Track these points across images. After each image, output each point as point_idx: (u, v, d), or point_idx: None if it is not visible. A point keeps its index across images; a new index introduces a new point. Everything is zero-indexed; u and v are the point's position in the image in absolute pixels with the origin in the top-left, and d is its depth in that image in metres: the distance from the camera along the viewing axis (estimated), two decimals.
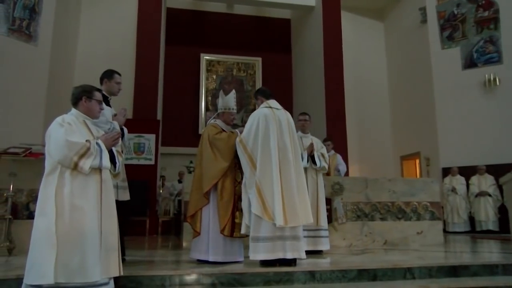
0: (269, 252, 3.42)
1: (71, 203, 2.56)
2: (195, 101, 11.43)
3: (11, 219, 4.47)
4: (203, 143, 3.87)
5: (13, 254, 4.38)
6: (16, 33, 8.03)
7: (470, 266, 3.70)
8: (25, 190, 4.79)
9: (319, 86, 10.30)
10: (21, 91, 7.84)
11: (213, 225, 3.70)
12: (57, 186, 2.56)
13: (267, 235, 3.43)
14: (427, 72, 10.40)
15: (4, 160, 4.66)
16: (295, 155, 3.70)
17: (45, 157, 2.68)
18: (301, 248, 3.52)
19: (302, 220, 3.53)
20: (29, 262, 2.51)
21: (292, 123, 3.84)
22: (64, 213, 2.53)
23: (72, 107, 2.98)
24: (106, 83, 3.87)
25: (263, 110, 3.77)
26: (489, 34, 9.66)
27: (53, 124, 2.75)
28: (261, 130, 3.62)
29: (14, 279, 2.95)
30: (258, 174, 3.51)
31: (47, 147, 2.66)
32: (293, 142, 3.75)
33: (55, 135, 2.66)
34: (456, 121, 9.73)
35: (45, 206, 2.54)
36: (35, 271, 2.46)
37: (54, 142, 2.63)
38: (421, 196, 5.97)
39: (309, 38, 11.24)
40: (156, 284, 3.09)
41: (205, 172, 3.74)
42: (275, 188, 3.47)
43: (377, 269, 3.49)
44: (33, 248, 2.51)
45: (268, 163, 3.53)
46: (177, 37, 11.50)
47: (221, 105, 4.14)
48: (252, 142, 3.62)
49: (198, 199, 3.75)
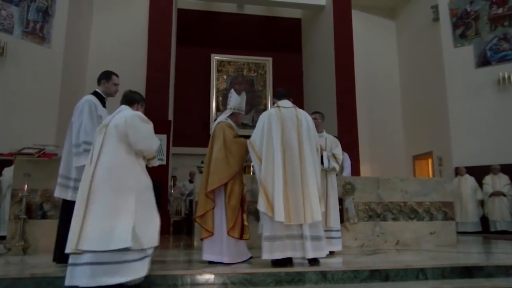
0: (280, 252, 3.45)
1: (146, 183, 3.04)
2: (206, 101, 11.46)
3: (25, 218, 4.54)
4: (216, 141, 3.84)
5: (27, 253, 4.44)
6: (30, 35, 8.18)
7: (484, 267, 3.64)
8: (39, 190, 4.84)
9: (330, 85, 10.25)
10: (34, 93, 8.00)
11: (224, 226, 3.73)
12: (140, 168, 3.06)
13: (277, 234, 3.47)
14: (440, 71, 10.28)
15: (18, 161, 4.74)
16: (302, 150, 3.67)
17: (120, 141, 3.00)
18: (315, 248, 3.52)
19: (308, 218, 3.50)
20: (105, 230, 2.74)
21: (303, 119, 3.82)
22: (142, 189, 2.99)
23: (127, 105, 3.31)
24: (104, 84, 3.87)
25: (269, 110, 3.88)
26: (503, 31, 9.51)
27: (138, 117, 3.13)
28: (265, 130, 3.71)
29: (29, 277, 2.99)
30: (262, 171, 3.60)
31: (131, 135, 3.00)
32: (303, 138, 3.71)
33: (145, 129, 3.11)
34: (469, 120, 9.60)
35: (133, 184, 2.94)
36: (117, 238, 2.72)
37: (144, 135, 3.09)
38: (433, 196, 5.90)
39: (320, 37, 11.19)
40: (168, 283, 3.10)
41: (212, 172, 3.73)
42: (276, 185, 3.51)
43: (390, 270, 3.45)
44: (114, 217, 2.78)
45: (270, 161, 3.60)
46: (187, 38, 11.56)
47: (234, 105, 4.11)
48: (259, 141, 3.72)
49: (207, 201, 3.75)
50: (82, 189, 2.92)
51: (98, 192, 2.86)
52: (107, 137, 3.03)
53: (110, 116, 3.27)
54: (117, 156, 2.99)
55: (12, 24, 7.92)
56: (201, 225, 3.75)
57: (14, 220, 4.64)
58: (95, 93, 3.82)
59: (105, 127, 3.09)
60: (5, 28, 7.82)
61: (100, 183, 2.88)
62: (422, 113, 11.09)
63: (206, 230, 3.73)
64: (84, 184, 2.93)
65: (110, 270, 2.69)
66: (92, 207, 2.81)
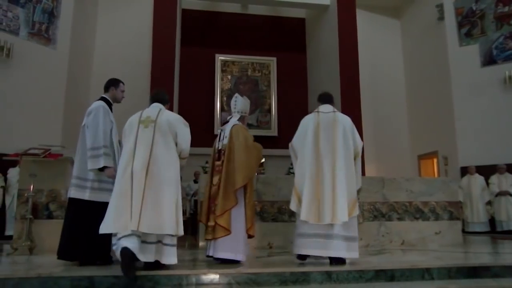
0: (308, 248, 3.66)
1: None
2: (210, 101, 11.47)
3: (31, 219, 4.56)
4: (236, 143, 3.88)
5: (34, 253, 4.47)
6: (36, 36, 8.23)
7: (491, 267, 3.61)
8: (45, 190, 4.87)
9: (334, 85, 10.21)
10: (40, 93, 8.04)
11: (241, 224, 3.77)
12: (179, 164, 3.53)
13: (306, 232, 3.68)
14: (445, 70, 10.22)
15: (24, 161, 4.76)
16: (336, 153, 3.79)
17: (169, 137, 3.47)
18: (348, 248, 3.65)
19: (334, 219, 3.61)
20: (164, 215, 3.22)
21: (340, 124, 3.91)
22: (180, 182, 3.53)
23: (162, 104, 3.71)
24: (112, 90, 4.03)
25: (309, 115, 4.07)
26: (509, 30, 9.44)
27: (182, 121, 3.63)
28: (302, 133, 3.95)
29: (35, 277, 3.00)
30: (295, 174, 3.87)
31: (179, 135, 3.51)
32: (338, 144, 3.81)
33: (188, 132, 3.60)
34: (474, 119, 9.54)
35: (178, 177, 3.46)
36: (180, 225, 3.29)
37: (187, 137, 3.58)
38: (439, 196, 5.87)
39: (324, 37, 11.16)
40: (173, 283, 3.10)
41: (238, 172, 3.76)
42: (305, 187, 3.72)
43: (395, 270, 3.44)
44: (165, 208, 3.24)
45: (302, 163, 3.84)
46: (192, 38, 11.57)
47: (241, 109, 4.21)
48: (300, 145, 3.95)
49: (228, 199, 3.73)
50: (136, 178, 3.23)
51: (155, 180, 3.26)
52: (158, 131, 3.41)
53: (148, 111, 3.58)
54: (169, 150, 3.44)
55: (18, 26, 7.98)
56: (220, 225, 3.68)
57: (20, 220, 4.67)
58: (103, 99, 3.94)
59: (153, 122, 3.44)
60: (11, 29, 7.87)
61: (157, 173, 3.28)
62: (427, 113, 11.04)
63: (225, 229, 3.68)
64: (137, 173, 3.25)
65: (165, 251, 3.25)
66: (150, 194, 3.20)
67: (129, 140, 3.45)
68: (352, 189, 3.77)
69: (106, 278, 3.05)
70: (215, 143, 4.16)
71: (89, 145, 3.66)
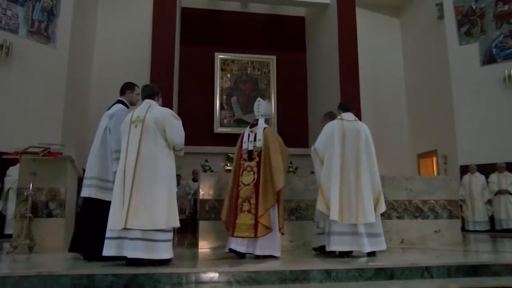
0: (337, 245, 3.98)
1: (174, 171, 3.67)
2: (210, 100, 11.46)
3: (31, 217, 4.56)
4: (272, 145, 4.11)
5: (33, 251, 4.46)
6: (35, 35, 8.21)
7: (490, 266, 3.61)
8: (44, 189, 4.89)
9: (334, 84, 10.21)
10: (40, 92, 8.03)
11: (276, 223, 4.02)
12: (172, 157, 3.64)
13: (334, 230, 3.99)
14: (445, 69, 10.23)
15: (24, 160, 4.76)
16: (359, 160, 4.17)
17: (157, 134, 3.55)
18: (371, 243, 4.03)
19: (360, 219, 3.98)
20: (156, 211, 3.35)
21: (362, 132, 4.28)
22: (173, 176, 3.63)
23: (149, 98, 3.82)
24: (129, 94, 4.19)
25: (333, 122, 4.36)
26: (508, 29, 9.43)
27: (171, 115, 3.67)
28: (328, 139, 4.22)
29: (35, 275, 3.00)
30: (322, 176, 4.11)
31: (168, 130, 3.56)
32: (360, 148, 4.19)
33: (178, 125, 3.66)
34: (474, 118, 9.55)
35: (169, 172, 3.55)
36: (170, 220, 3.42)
37: (177, 130, 3.63)
38: (439, 195, 5.87)
39: (324, 35, 11.15)
40: (173, 281, 3.10)
41: (275, 173, 4.02)
42: (332, 188, 4.01)
43: (395, 268, 3.43)
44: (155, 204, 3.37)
45: (329, 167, 4.11)
46: (191, 36, 11.55)
47: (265, 112, 4.45)
48: (322, 148, 4.22)
49: (268, 199, 3.97)
50: (127, 177, 3.40)
51: (142, 179, 3.38)
52: (145, 130, 3.52)
53: (138, 110, 3.69)
54: (157, 147, 3.51)
55: (17, 24, 7.96)
56: (263, 224, 3.90)
57: (20, 219, 4.66)
58: (122, 103, 4.12)
59: (141, 122, 3.55)
60: (11, 28, 7.86)
61: (144, 171, 3.40)
62: (427, 111, 11.04)
63: (267, 227, 3.91)
64: (128, 172, 3.42)
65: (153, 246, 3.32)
66: (137, 193, 3.35)
67: (123, 140, 3.63)
68: (375, 190, 4.18)
69: (106, 277, 3.05)
70: (241, 143, 4.36)
71: (114, 148, 3.81)
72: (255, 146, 4.19)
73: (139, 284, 3.05)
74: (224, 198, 4.39)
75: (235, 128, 11.22)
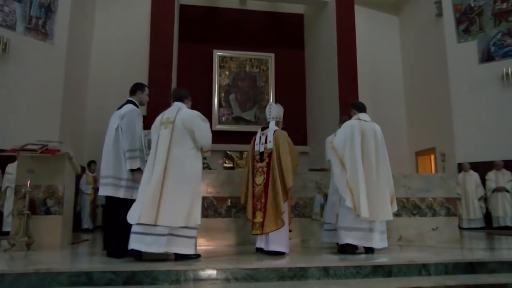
0: (352, 239, 4.13)
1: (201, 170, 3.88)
2: (208, 97, 11.43)
3: (29, 214, 4.54)
4: (282, 147, 4.29)
5: (31, 248, 4.45)
6: (33, 31, 8.17)
7: (487, 263, 3.62)
8: (42, 186, 4.87)
9: (332, 81, 10.21)
10: (37, 89, 7.99)
11: (286, 220, 4.20)
12: (200, 158, 3.84)
13: (353, 226, 4.13)
14: (443, 67, 10.23)
15: (21, 157, 4.74)
16: (378, 159, 4.33)
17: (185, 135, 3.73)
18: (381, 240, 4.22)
19: (380, 216, 4.18)
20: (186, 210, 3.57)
21: (378, 132, 4.46)
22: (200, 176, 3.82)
23: (179, 101, 4.01)
24: (139, 94, 4.30)
25: (352, 121, 4.48)
26: (507, 27, 9.42)
27: (199, 117, 3.83)
28: (349, 138, 4.31)
29: (33, 273, 3.00)
30: (349, 175, 4.19)
31: (196, 132, 3.74)
32: (377, 148, 4.37)
33: (206, 128, 3.85)
34: (472, 116, 9.56)
35: (196, 172, 3.75)
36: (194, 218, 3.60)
37: (205, 132, 3.82)
38: (437, 192, 5.88)
39: (323, 33, 11.13)
40: (171, 279, 3.09)
41: (286, 173, 4.20)
42: (360, 186, 4.13)
43: (392, 265, 3.45)
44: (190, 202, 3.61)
45: (354, 165, 4.21)
46: (190, 33, 11.52)
47: (277, 115, 4.60)
48: (342, 147, 4.30)
49: (283, 196, 4.16)
50: (156, 175, 3.58)
51: (171, 178, 3.58)
52: (175, 131, 3.71)
53: (168, 112, 3.88)
54: (185, 148, 3.70)
55: (14, 20, 7.92)
56: (280, 219, 4.13)
57: (17, 216, 4.65)
58: (133, 103, 4.21)
59: (171, 123, 3.74)
60: (8, 24, 7.81)
61: (173, 171, 3.59)
62: (425, 109, 11.05)
63: (274, 224, 4.13)
64: (157, 171, 3.59)
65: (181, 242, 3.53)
66: (167, 191, 3.54)
67: (153, 141, 3.84)
68: (391, 190, 4.37)
69: (104, 274, 3.05)
70: (253, 145, 4.53)
71: (127, 147, 3.94)
72: (266, 148, 4.37)
73: (137, 281, 3.04)
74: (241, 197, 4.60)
75: (234, 126, 11.21)
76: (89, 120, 9.97)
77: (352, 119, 4.54)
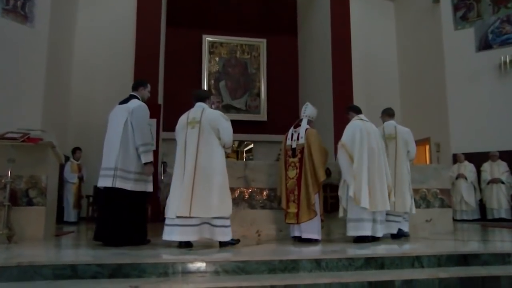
0: (361, 230, 4.47)
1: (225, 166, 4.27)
2: (197, 84, 11.20)
3: (10, 206, 4.39)
4: (313, 143, 4.69)
5: (12, 241, 4.31)
6: (11, 13, 7.81)
7: (480, 255, 3.61)
8: (24, 176, 4.73)
9: (326, 69, 10.08)
10: (18, 75, 7.66)
11: (318, 210, 4.60)
12: (224, 154, 4.24)
13: (360, 217, 4.49)
14: (439, 54, 10.14)
15: (1, 146, 4.55)
16: (379, 155, 4.77)
17: (211, 134, 4.12)
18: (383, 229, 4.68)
19: (380, 207, 4.57)
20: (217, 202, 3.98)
21: (376, 131, 4.97)
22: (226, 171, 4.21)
23: (204, 101, 4.39)
24: (141, 90, 4.58)
25: (357, 122, 4.92)
26: (506, 13, 9.27)
27: (222, 116, 4.23)
28: (357, 137, 4.71)
29: (14, 266, 2.90)
30: (355, 168, 4.57)
31: (221, 130, 4.13)
32: (379, 145, 4.83)
33: (229, 126, 4.21)
34: (468, 106, 9.49)
35: (222, 167, 4.13)
36: (224, 208, 4.03)
37: (228, 131, 4.19)
38: (431, 183, 5.85)
39: (316, 19, 10.95)
40: (159, 271, 3.03)
41: (318, 168, 4.61)
42: (363, 180, 4.52)
43: (385, 258, 3.42)
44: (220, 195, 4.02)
45: (360, 161, 4.62)
46: (178, 18, 11.26)
47: (311, 114, 4.99)
48: (351, 145, 4.69)
49: (315, 188, 4.58)
50: (187, 171, 3.99)
51: (202, 173, 3.97)
52: (202, 130, 4.08)
53: (193, 112, 4.24)
54: (212, 145, 4.08)
55: None
56: (312, 209, 4.52)
57: None
58: (137, 98, 4.47)
59: (198, 123, 4.11)
60: None
61: (203, 167, 3.99)
62: (420, 98, 10.95)
63: (313, 212, 4.54)
64: (188, 167, 4.00)
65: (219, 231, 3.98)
66: (198, 185, 3.94)
67: (180, 139, 4.20)
68: (389, 180, 4.82)
69: (89, 267, 2.97)
70: (285, 141, 4.91)
71: (139, 142, 4.19)
72: (298, 144, 4.76)
73: (124, 274, 2.97)
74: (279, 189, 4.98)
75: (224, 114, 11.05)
76: (73, 108, 9.73)
77: (355, 120, 4.97)
